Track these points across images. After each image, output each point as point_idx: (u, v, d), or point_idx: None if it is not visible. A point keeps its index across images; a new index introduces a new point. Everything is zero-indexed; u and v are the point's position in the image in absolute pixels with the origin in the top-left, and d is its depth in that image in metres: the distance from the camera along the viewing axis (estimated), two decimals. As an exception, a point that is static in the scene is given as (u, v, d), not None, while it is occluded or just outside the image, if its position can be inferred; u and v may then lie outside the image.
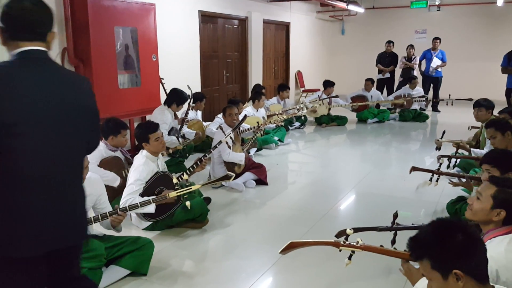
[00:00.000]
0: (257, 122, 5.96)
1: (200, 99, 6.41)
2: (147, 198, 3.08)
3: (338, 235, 2.60)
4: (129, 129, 4.84)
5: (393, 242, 2.60)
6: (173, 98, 5.57)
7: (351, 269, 2.23)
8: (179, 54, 7.07)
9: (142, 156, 3.50)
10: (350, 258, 2.02)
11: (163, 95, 6.08)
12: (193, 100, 6.21)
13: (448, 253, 1.43)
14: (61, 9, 4.97)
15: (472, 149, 4.45)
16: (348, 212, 4.27)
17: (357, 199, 4.56)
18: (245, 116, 4.97)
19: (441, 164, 3.86)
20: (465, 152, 4.60)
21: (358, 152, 6.69)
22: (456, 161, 4.57)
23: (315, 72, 12.71)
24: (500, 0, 10.24)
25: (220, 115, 5.96)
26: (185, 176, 3.70)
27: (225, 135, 4.50)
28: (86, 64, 5.04)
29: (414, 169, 3.73)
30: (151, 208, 3.22)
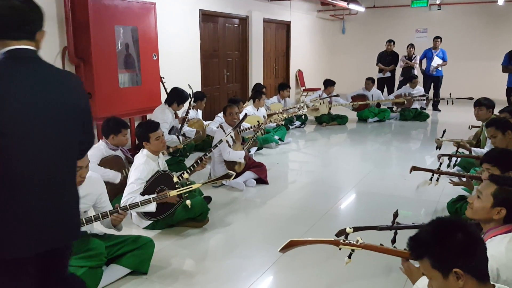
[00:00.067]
0: (258, 121, 5.96)
1: (200, 98, 6.41)
2: (148, 197, 3.08)
3: (338, 234, 2.61)
4: (130, 128, 4.84)
5: (393, 241, 2.60)
6: (174, 97, 5.58)
7: (351, 268, 2.23)
8: (179, 53, 7.07)
9: (142, 155, 3.51)
10: (350, 257, 2.02)
11: (163, 94, 6.08)
12: (193, 99, 6.21)
13: (448, 252, 1.43)
14: (61, 8, 4.97)
15: (472, 148, 4.45)
16: (349, 211, 4.27)
17: (357, 198, 4.56)
18: (245, 115, 4.97)
19: (441, 163, 3.86)
20: (465, 151, 4.60)
21: (358, 152, 6.69)
22: (457, 160, 4.58)
23: (316, 71, 12.71)
24: (501, -1, 10.25)
25: (220, 114, 5.97)
26: (185, 175, 3.70)
27: (226, 134, 4.50)
28: (86, 63, 5.04)
29: (414, 168, 3.73)
30: (151, 207, 3.22)
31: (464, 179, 3.52)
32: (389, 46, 10.20)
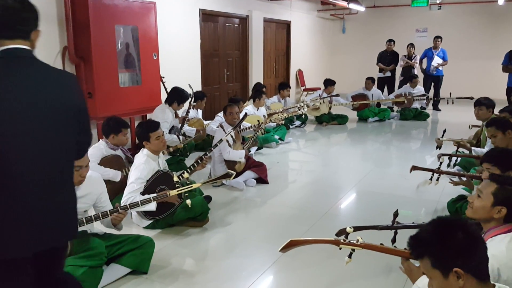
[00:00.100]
0: (258, 120, 5.95)
1: (200, 97, 6.41)
2: (148, 197, 3.08)
3: (339, 234, 2.61)
4: (130, 127, 4.84)
5: (393, 241, 2.60)
6: (174, 96, 5.57)
7: (351, 267, 2.23)
8: (179, 52, 7.07)
9: (143, 155, 3.51)
10: (350, 256, 2.02)
11: (163, 94, 6.09)
12: (194, 98, 6.21)
13: (449, 251, 1.43)
14: (61, 7, 4.97)
15: (472, 148, 4.45)
16: (349, 211, 4.27)
17: (357, 198, 4.56)
18: (245, 114, 4.97)
19: (441, 162, 3.86)
20: (465, 151, 4.60)
21: (358, 151, 6.69)
22: (457, 159, 4.57)
23: (316, 71, 12.71)
24: (501, -1, 10.24)
25: (220, 113, 5.97)
26: (185, 174, 3.70)
27: (226, 133, 4.50)
28: (86, 62, 5.04)
29: (415, 168, 3.73)
30: (152, 207, 3.22)
31: (464, 178, 3.51)
32: (389, 46, 10.20)
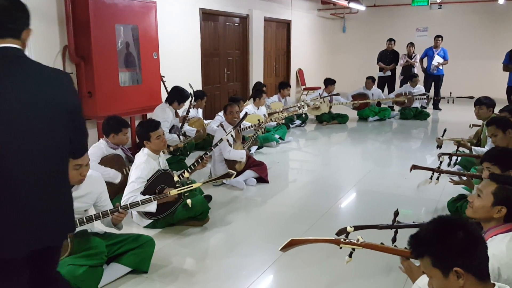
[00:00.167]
0: (258, 120, 5.95)
1: (201, 97, 6.41)
2: (148, 197, 3.08)
3: (339, 233, 2.60)
4: (130, 127, 4.84)
5: (393, 240, 2.60)
6: (175, 96, 5.57)
7: (351, 266, 2.23)
8: (180, 52, 7.07)
9: (143, 154, 3.51)
10: (350, 256, 2.02)
11: (164, 93, 6.09)
12: (194, 98, 6.21)
13: (449, 250, 1.43)
14: (62, 6, 4.97)
15: (473, 147, 4.45)
16: (349, 210, 4.27)
17: (358, 197, 4.56)
18: (246, 114, 4.98)
19: (441, 162, 3.86)
20: (466, 150, 4.60)
21: (359, 150, 6.69)
22: (457, 159, 4.57)
23: (316, 70, 12.70)
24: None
25: (221, 113, 5.97)
26: (186, 174, 3.70)
27: (226, 133, 4.50)
28: (87, 62, 5.04)
29: (415, 167, 3.73)
30: (152, 206, 3.23)
31: (464, 178, 3.51)
32: (389, 45, 10.19)
